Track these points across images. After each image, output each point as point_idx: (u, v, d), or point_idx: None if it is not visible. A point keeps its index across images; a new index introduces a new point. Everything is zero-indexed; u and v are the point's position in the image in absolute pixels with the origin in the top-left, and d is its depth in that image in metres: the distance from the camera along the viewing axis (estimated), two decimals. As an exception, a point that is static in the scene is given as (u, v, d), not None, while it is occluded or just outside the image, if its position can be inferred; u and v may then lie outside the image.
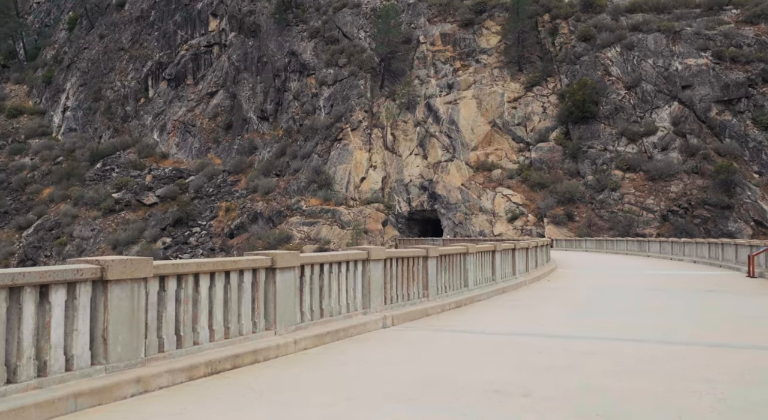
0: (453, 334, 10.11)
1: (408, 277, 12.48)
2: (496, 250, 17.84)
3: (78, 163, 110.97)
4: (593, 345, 9.31)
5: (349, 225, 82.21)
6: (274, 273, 8.73)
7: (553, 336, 10.06)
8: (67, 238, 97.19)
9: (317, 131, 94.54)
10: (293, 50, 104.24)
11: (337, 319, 10.17)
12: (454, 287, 14.84)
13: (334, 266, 10.26)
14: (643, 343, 9.56)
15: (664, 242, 45.33)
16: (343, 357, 8.33)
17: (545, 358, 8.29)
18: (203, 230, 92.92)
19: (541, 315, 13.05)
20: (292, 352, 8.59)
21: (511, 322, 11.73)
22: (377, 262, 11.15)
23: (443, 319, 12.10)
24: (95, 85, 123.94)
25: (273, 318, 8.74)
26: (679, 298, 17.18)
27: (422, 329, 10.75)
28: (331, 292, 10.17)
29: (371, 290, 11.09)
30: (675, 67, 76.12)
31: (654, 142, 73.05)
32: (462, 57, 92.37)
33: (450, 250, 14.58)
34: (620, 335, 10.29)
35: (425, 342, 9.44)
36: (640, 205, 69.12)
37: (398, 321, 11.28)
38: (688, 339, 10.08)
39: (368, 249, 11.12)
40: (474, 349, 8.91)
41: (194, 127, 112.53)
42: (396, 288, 12.06)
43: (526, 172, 78.56)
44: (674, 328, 11.18)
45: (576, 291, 19.01)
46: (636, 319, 12.31)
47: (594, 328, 11.03)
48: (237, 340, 8.01)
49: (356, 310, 10.78)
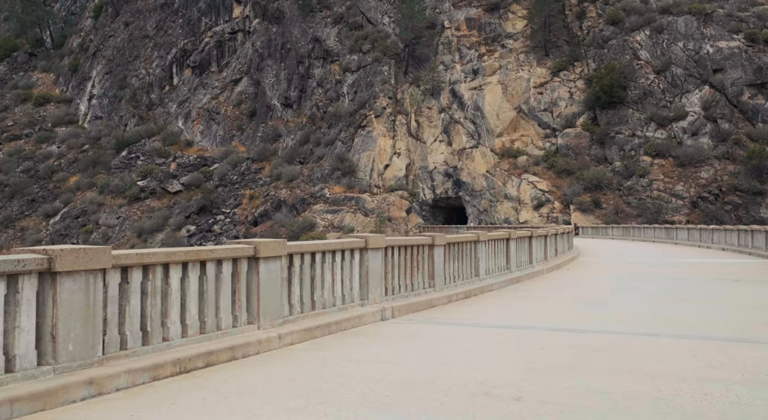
0: (454, 328, 9.51)
1: (412, 266, 11.88)
2: (511, 237, 17.15)
3: (104, 151, 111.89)
4: (602, 340, 8.65)
5: (372, 213, 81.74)
6: (257, 263, 8.16)
7: (561, 330, 9.41)
8: (93, 226, 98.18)
9: (341, 118, 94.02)
10: (317, 36, 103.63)
11: (331, 311, 9.62)
12: (464, 277, 14.21)
13: (327, 255, 9.68)
14: (657, 338, 8.87)
15: (692, 229, 44.11)
16: (328, 353, 7.77)
17: (547, 356, 7.66)
18: (227, 218, 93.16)
19: (553, 306, 12.38)
20: (275, 347, 8.03)
21: (519, 315, 11.08)
22: (376, 251, 10.61)
23: (448, 310, 11.49)
24: (120, 72, 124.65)
25: (256, 311, 8.17)
26: (702, 288, 16.36)
27: (422, 322, 10.15)
28: (325, 283, 9.60)
29: (369, 280, 10.51)
30: (706, 50, 74.10)
31: (684, 127, 71.30)
32: (487, 42, 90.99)
33: (459, 238, 13.95)
34: (633, 329, 9.61)
35: (422, 336, 8.85)
36: (669, 191, 67.59)
37: (399, 313, 10.74)
38: (707, 333, 9.37)
39: (366, 237, 10.52)
40: (473, 344, 8.30)
41: (218, 114, 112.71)
42: (398, 278, 11.53)
43: (552, 158, 77.29)
44: (693, 322, 10.45)
45: (594, 280, 18.26)
46: (653, 312, 11.58)
47: (607, 322, 10.34)
48: (214, 336, 7.47)
49: (353, 302, 10.22)
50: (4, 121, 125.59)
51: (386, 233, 75.83)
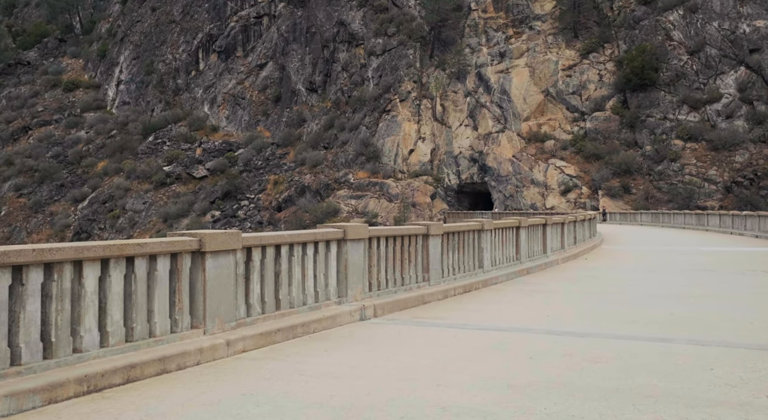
0: (438, 330, 8.42)
1: (402, 258, 10.79)
2: (521, 226, 15.93)
3: (131, 136, 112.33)
4: (605, 347, 7.50)
5: (396, 198, 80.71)
6: (203, 258, 7.12)
7: (561, 333, 8.27)
8: (119, 211, 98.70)
9: (365, 103, 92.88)
10: (342, 20, 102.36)
11: (300, 311, 8.56)
12: (466, 269, 13.08)
13: (296, 248, 8.57)
14: (669, 345, 7.68)
15: (724, 216, 42.27)
16: (280, 364, 6.70)
17: (534, 368, 6.54)
18: (251, 203, 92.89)
19: (559, 303, 11.20)
20: (222, 356, 6.98)
21: (518, 313, 9.94)
22: (356, 242, 9.56)
23: (440, 308, 10.38)
24: (147, 58, 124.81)
25: (202, 313, 7.12)
26: (729, 281, 15.02)
27: (406, 322, 9.05)
28: (293, 279, 8.51)
29: (348, 275, 9.43)
30: (742, 29, 71.26)
31: (718, 110, 68.79)
32: (515, 24, 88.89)
33: (459, 227, 12.81)
34: (645, 333, 8.43)
35: (399, 341, 7.77)
36: (701, 176, 65.37)
37: (383, 311, 9.70)
38: (729, 338, 8.14)
39: (344, 227, 9.45)
40: (452, 352, 7.21)
41: (244, 99, 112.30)
42: (385, 271, 10.46)
43: (580, 142, 75.35)
44: (714, 323, 9.22)
45: (612, 272, 17.00)
46: (671, 310, 10.36)
47: (616, 322, 9.16)
48: (145, 344, 6.41)
49: (328, 300, 9.15)
50: (34, 106, 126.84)
51: (410, 219, 74.76)
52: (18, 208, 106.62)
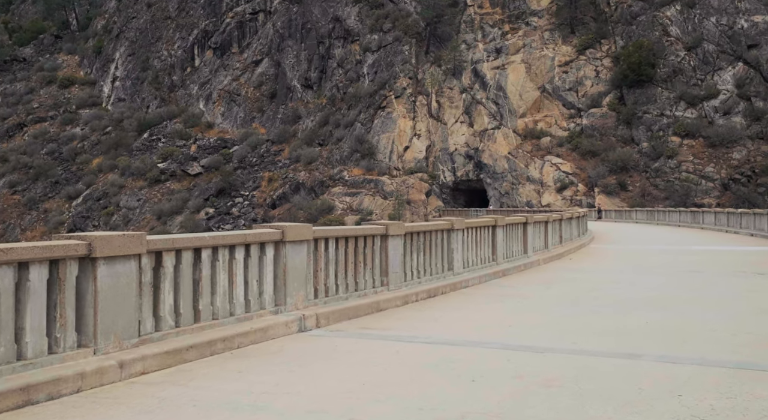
0: (382, 344, 7.59)
1: (356, 261, 9.95)
2: (497, 224, 15.13)
3: (126, 133, 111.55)
4: (564, 366, 6.68)
5: (391, 195, 79.95)
6: (95, 265, 6.23)
7: (519, 348, 7.46)
8: (114, 208, 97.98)
9: (360, 99, 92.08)
10: (337, 16, 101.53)
11: (227, 323, 7.66)
12: (433, 271, 12.29)
13: (222, 251, 7.64)
14: (637, 363, 6.87)
15: (720, 213, 41.46)
16: (175, 391, 5.73)
17: (474, 395, 5.69)
18: (246, 201, 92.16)
19: (528, 310, 10.40)
20: (112, 381, 6.02)
21: (478, 323, 9.13)
22: (298, 245, 8.69)
23: (396, 316, 9.56)
24: (143, 54, 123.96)
25: (92, 330, 6.23)
26: (718, 284, 14.22)
27: (351, 334, 8.19)
28: (217, 287, 7.58)
29: (288, 281, 8.51)
30: (740, 25, 70.40)
31: (715, 106, 67.95)
32: (511, 20, 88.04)
33: (425, 227, 12.01)
34: (613, 347, 7.63)
35: (331, 358, 6.89)
36: (698, 173, 64.57)
37: (328, 321, 8.83)
38: (706, 353, 7.32)
39: (283, 227, 8.55)
40: (387, 372, 6.34)
41: (239, 96, 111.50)
42: (335, 276, 9.58)
43: (576, 139, 74.52)
44: (691, 334, 8.42)
45: (594, 274, 16.21)
46: (648, 318, 9.55)
47: (584, 334, 8.36)
48: (9, 369, 5.54)
49: (263, 309, 8.24)
50: (29, 103, 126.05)
51: (404, 217, 74.01)
52: (12, 205, 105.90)
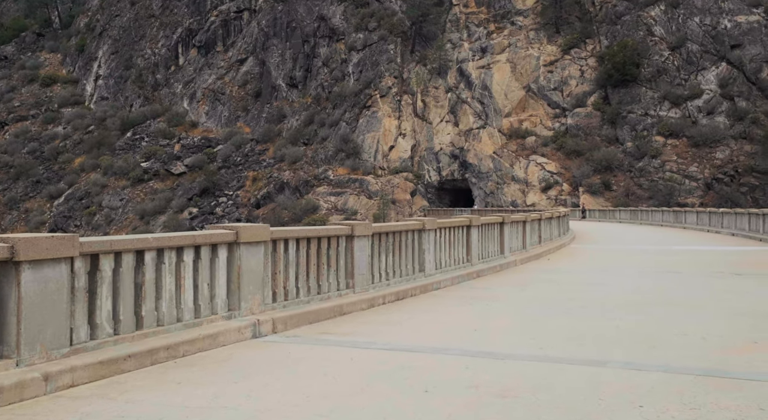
0: (338, 351, 7.20)
1: (320, 263, 9.62)
2: (472, 224, 14.86)
3: (109, 132, 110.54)
4: (524, 374, 6.35)
5: (376, 195, 79.65)
6: (18, 269, 5.75)
7: (481, 354, 7.14)
8: (96, 208, 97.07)
9: (346, 98, 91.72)
10: (322, 15, 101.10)
11: (174, 329, 7.26)
12: (404, 273, 11.98)
13: (168, 254, 7.18)
14: (601, 370, 6.58)
15: (701, 213, 41.50)
16: (102, 406, 5.31)
17: (424, 407, 5.30)
18: (230, 200, 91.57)
19: (498, 313, 10.12)
20: (35, 395, 5.52)
21: (444, 327, 8.81)
22: (254, 246, 8.28)
23: (359, 320, 9.21)
24: (126, 53, 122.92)
25: (15, 340, 5.74)
26: (695, 285, 14.04)
27: (307, 340, 7.83)
28: (163, 292, 7.16)
29: (242, 285, 8.11)
30: (724, 25, 70.67)
31: (699, 106, 68.16)
32: (496, 19, 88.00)
33: (394, 227, 11.71)
34: (579, 352, 7.35)
35: (282, 367, 6.39)
36: (682, 173, 64.74)
37: (286, 326, 8.41)
38: (674, 359, 7.05)
39: (237, 227, 8.15)
40: (337, 382, 5.88)
41: (224, 95, 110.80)
42: (295, 279, 9.18)
43: (561, 139, 74.55)
44: (662, 338, 8.17)
45: (571, 275, 15.99)
46: (619, 322, 9.30)
47: (550, 339, 8.08)
48: None
49: (215, 314, 7.82)
50: (11, 101, 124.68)
51: (389, 217, 73.71)
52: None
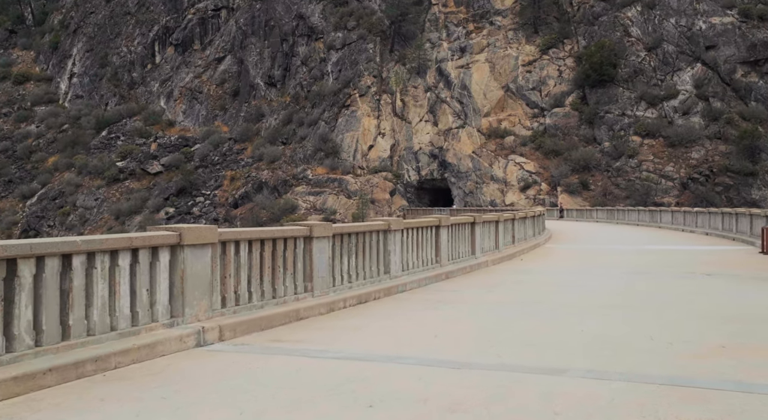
0: (286, 360, 6.68)
1: (275, 265, 9.17)
2: (441, 225, 14.54)
3: (83, 130, 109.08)
4: (479, 385, 5.99)
5: (355, 195, 79.28)
6: None
7: (437, 363, 6.77)
8: (70, 208, 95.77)
9: (325, 97, 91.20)
10: (301, 13, 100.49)
11: (106, 339, 6.77)
12: (368, 275, 11.61)
13: (100, 258, 6.70)
14: (560, 379, 6.26)
15: (676, 212, 41.61)
16: None
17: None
18: (207, 200, 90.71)
19: (462, 317, 9.78)
20: None
21: (404, 333, 8.44)
22: (200, 248, 7.80)
23: (315, 325, 8.82)
24: (101, 50, 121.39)
25: None
26: (665, 286, 13.84)
27: (255, 349, 7.44)
28: (94, 299, 6.68)
29: (186, 290, 7.64)
30: (699, 26, 71.15)
31: (675, 106, 68.57)
32: (475, 19, 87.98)
33: (357, 228, 11.35)
34: (540, 360, 7.01)
35: (220, 380, 5.79)
36: (658, 172, 65.08)
37: (235, 333, 7.94)
38: (638, 366, 6.73)
39: (181, 229, 7.64)
40: (278, 396, 5.41)
41: (201, 93, 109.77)
42: (248, 282, 8.77)
43: (540, 139, 74.66)
44: (627, 344, 7.88)
45: (542, 276, 15.74)
46: (585, 326, 9.01)
47: (512, 345, 7.76)
48: None
49: (155, 322, 7.38)
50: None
51: (368, 216, 73.35)
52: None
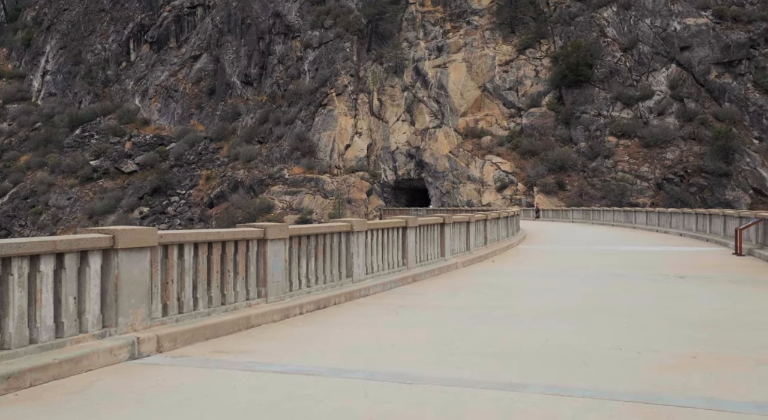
0: (222, 374, 6.04)
1: (225, 269, 8.64)
2: (408, 226, 14.05)
3: (56, 129, 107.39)
4: (432, 401, 5.35)
5: (332, 194, 78.72)
6: None
7: (384, 377, 6.10)
8: (42, 207, 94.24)
9: (301, 96, 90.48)
10: (278, 11, 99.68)
11: (22, 353, 6.15)
12: (329, 279, 11.09)
13: (16, 264, 6.12)
14: (517, 396, 5.68)
15: (651, 213, 41.58)
16: None
17: None
18: (182, 199, 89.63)
19: (422, 324, 9.28)
20: None
21: (357, 342, 7.88)
22: (137, 253, 7.22)
23: (266, 334, 8.22)
24: (75, 48, 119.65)
25: None
26: (636, 289, 13.49)
27: (194, 362, 6.87)
28: (10, 308, 6.13)
29: (120, 297, 7.07)
30: (673, 27, 71.48)
31: (650, 107, 68.81)
32: (452, 18, 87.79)
33: (316, 229, 10.83)
34: (500, 373, 6.47)
35: (142, 401, 5.23)
36: (634, 173, 65.24)
37: (176, 343, 7.36)
38: (603, 381, 6.27)
39: (114, 232, 7.06)
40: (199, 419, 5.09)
41: (177, 92, 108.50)
42: (193, 288, 8.18)
43: (516, 138, 74.57)
44: (594, 354, 7.43)
45: (512, 278, 15.33)
46: (550, 334, 8.55)
47: (473, 355, 7.25)
48: None
49: (84, 332, 6.78)
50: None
51: (345, 216, 72.76)
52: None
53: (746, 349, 7.73)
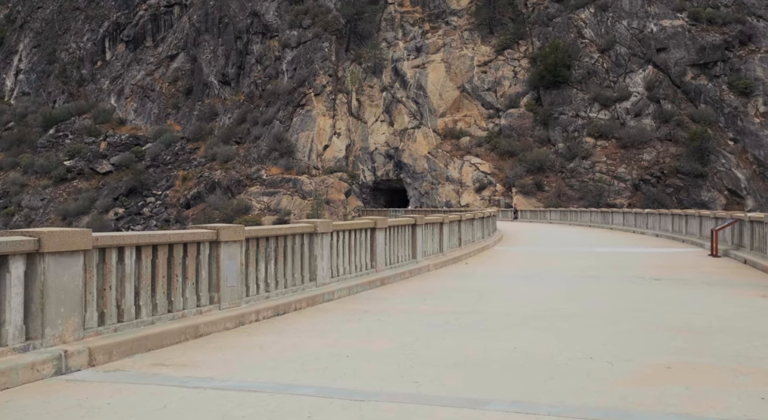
0: (157, 391, 5.62)
1: (172, 274, 8.10)
2: (377, 227, 13.56)
3: (30, 128, 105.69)
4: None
5: (310, 195, 78.04)
6: None
7: (338, 394, 5.63)
8: (14, 208, 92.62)
9: (279, 96, 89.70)
10: (256, 11, 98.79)
11: None
12: (290, 283, 10.55)
13: None
14: (481, 414, 5.34)
15: (627, 214, 41.51)
16: None
17: None
18: (158, 200, 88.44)
19: (385, 332, 8.76)
20: None
21: (311, 353, 7.36)
22: (67, 257, 6.61)
23: (214, 344, 7.64)
24: (49, 46, 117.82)
25: None
26: (611, 293, 13.14)
27: (128, 377, 6.30)
28: None
29: (47, 306, 6.46)
30: (650, 28, 71.74)
31: (627, 108, 68.98)
32: (431, 18, 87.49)
33: (277, 231, 10.27)
34: (461, 388, 5.91)
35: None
36: (611, 174, 65.33)
37: (112, 356, 6.77)
38: (569, 396, 5.80)
39: (40, 234, 6.47)
40: None
41: (153, 91, 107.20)
42: (135, 295, 7.62)
43: (495, 139, 74.41)
44: (564, 364, 7.00)
45: (485, 281, 14.91)
46: (520, 342, 8.10)
47: (435, 367, 6.76)
48: None
49: (3, 346, 6.14)
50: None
51: (323, 217, 72.12)
52: None
53: (723, 358, 7.34)
